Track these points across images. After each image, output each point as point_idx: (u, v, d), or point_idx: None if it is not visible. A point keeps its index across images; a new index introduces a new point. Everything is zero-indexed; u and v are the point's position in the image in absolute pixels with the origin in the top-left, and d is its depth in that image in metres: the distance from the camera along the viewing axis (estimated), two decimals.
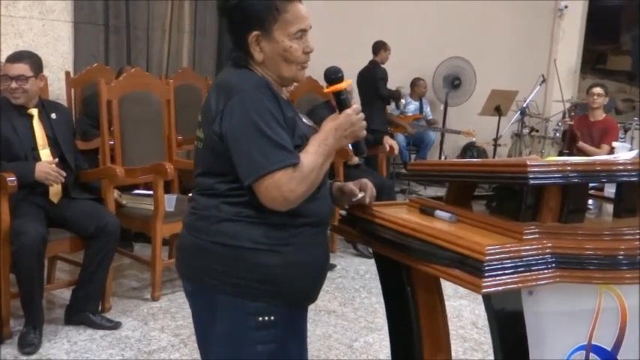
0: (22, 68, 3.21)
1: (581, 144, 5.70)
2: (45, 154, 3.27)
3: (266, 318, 1.67)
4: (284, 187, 1.56)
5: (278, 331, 1.70)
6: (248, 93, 1.60)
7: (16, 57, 3.28)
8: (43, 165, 3.16)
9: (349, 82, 1.75)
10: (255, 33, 1.65)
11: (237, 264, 1.65)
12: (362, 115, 1.71)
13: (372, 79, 6.87)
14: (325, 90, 1.80)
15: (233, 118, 1.59)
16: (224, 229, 1.65)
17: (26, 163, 3.19)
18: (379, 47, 7.03)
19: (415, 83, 7.79)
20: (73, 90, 5.08)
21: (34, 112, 3.30)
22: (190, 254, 1.75)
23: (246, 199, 1.62)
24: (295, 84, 4.47)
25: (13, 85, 3.19)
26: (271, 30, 1.65)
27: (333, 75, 1.74)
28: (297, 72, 1.72)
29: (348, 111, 1.69)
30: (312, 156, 1.61)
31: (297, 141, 1.64)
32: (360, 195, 1.86)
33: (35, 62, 3.28)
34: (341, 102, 1.73)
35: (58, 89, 5.25)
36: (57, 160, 3.24)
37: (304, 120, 1.79)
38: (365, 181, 1.91)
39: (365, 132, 1.72)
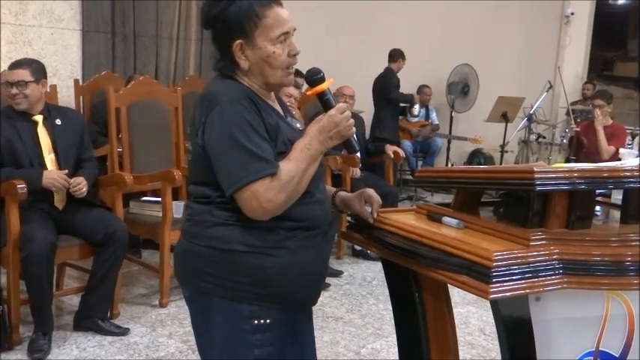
0: (22, 74, 3.24)
1: (599, 135, 5.53)
2: (50, 159, 3.30)
3: (262, 321, 1.68)
4: (262, 197, 1.57)
5: (274, 334, 1.70)
6: (227, 105, 1.61)
7: (17, 64, 3.33)
8: (51, 173, 3.20)
9: (331, 82, 1.74)
10: (238, 41, 1.66)
11: (230, 267, 1.66)
12: (348, 113, 1.69)
13: (386, 85, 6.91)
14: (307, 92, 1.79)
15: (213, 130, 1.61)
16: (216, 233, 1.67)
17: (34, 169, 3.21)
18: (397, 55, 7.04)
19: (420, 90, 7.82)
20: (81, 97, 5.12)
21: (39, 118, 3.32)
22: (186, 259, 1.76)
23: (238, 205, 1.63)
24: (293, 93, 4.48)
25: (14, 90, 3.23)
26: (253, 37, 1.65)
27: (315, 76, 1.73)
28: (284, 77, 1.71)
29: (331, 112, 1.68)
30: (294, 163, 1.62)
31: (280, 147, 1.65)
32: (368, 209, 1.88)
33: (36, 68, 3.31)
34: (324, 103, 1.71)
35: (67, 97, 5.28)
36: (67, 170, 3.27)
37: (295, 124, 1.79)
38: (369, 192, 1.90)
39: (353, 129, 1.70)
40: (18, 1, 5.31)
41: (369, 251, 4.61)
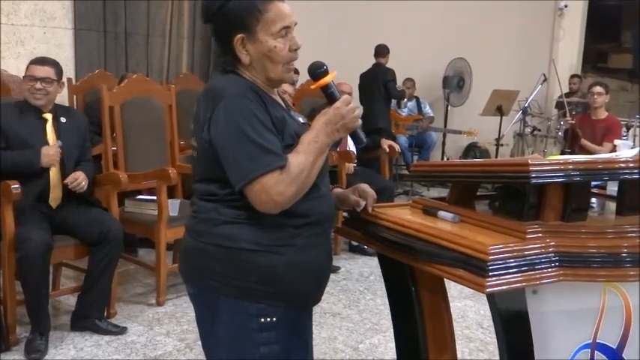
0: (48, 71, 3.29)
1: (583, 141, 5.70)
2: None
3: (268, 319, 1.67)
4: (272, 190, 1.56)
5: (280, 332, 1.69)
6: (233, 99, 1.59)
7: (42, 60, 3.37)
8: (47, 150, 3.20)
9: (334, 74, 1.73)
10: (239, 36, 1.65)
11: (236, 265, 1.65)
12: (353, 105, 1.68)
13: (381, 80, 6.87)
14: (311, 87, 1.78)
15: (219, 125, 1.59)
16: (223, 231, 1.65)
17: (31, 150, 3.20)
18: (385, 51, 7.03)
19: (404, 84, 7.82)
20: (75, 97, 5.10)
21: (49, 116, 3.34)
22: (191, 257, 1.75)
23: (246, 202, 1.62)
24: (288, 90, 4.48)
25: (38, 85, 3.25)
26: (255, 31, 1.64)
27: (318, 69, 1.72)
28: (284, 73, 1.70)
29: (337, 104, 1.67)
30: (302, 156, 1.60)
31: (287, 140, 1.64)
32: (362, 203, 1.87)
33: (59, 69, 3.38)
34: (329, 96, 1.71)
35: (60, 96, 5.25)
36: (60, 143, 3.27)
37: (298, 118, 1.78)
38: (363, 187, 1.90)
39: (360, 122, 1.70)
40: (10, 1, 5.29)
41: (365, 246, 4.62)
